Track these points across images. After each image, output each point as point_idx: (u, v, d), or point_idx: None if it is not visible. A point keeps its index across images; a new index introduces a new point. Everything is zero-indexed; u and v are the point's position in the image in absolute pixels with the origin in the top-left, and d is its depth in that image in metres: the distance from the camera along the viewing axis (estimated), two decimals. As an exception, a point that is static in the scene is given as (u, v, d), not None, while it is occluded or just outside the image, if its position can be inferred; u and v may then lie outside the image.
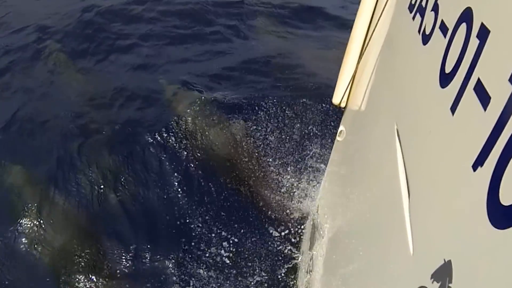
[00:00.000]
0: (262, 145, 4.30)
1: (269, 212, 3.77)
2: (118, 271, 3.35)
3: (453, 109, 1.19)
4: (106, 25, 6.67)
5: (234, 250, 3.44)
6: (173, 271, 3.34)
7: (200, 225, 3.64)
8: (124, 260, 3.41)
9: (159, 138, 4.43)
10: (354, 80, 2.63)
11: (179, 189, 4.02)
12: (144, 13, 7.08)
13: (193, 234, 3.55)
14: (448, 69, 1.28)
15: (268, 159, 4.21)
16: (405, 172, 1.43)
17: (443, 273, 1.01)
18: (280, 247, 3.46)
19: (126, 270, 3.36)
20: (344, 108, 2.89)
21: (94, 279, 3.26)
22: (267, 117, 4.60)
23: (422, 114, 1.47)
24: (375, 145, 1.99)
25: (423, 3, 1.73)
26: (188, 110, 4.70)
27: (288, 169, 4.06)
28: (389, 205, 1.57)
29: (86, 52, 6.02)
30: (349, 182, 2.47)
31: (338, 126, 2.99)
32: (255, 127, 4.50)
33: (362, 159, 2.24)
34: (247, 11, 7.17)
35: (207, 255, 3.39)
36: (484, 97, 1.03)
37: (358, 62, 2.54)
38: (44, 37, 6.29)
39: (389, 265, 1.47)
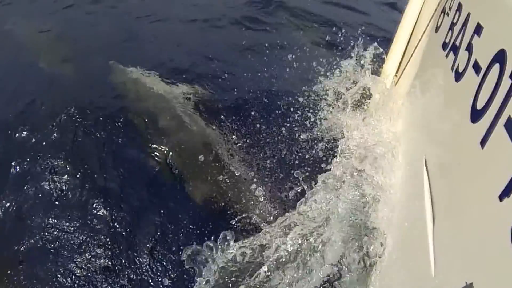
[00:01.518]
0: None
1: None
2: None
3: (482, 143, 1.26)
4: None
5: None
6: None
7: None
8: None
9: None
10: (384, 111, 2.71)
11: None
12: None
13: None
14: (479, 106, 1.35)
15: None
16: (431, 200, 1.49)
17: None
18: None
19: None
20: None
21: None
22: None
23: (451, 147, 1.53)
24: (404, 173, 2.06)
25: (457, 43, 1.82)
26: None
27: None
28: (414, 229, 1.62)
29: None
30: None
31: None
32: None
33: (393, 185, 2.29)
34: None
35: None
36: None
37: (389, 94, 2.63)
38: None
39: (411, 285, 1.51)
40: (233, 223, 3.28)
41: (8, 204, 3.47)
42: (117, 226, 3.33)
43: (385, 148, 2.46)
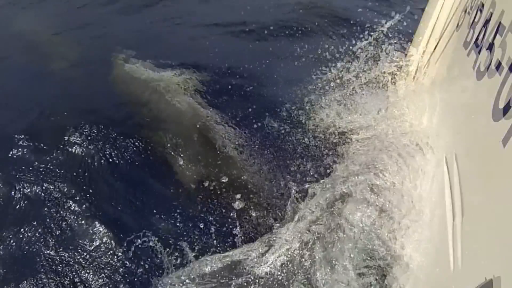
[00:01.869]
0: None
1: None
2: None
3: (504, 141, 1.29)
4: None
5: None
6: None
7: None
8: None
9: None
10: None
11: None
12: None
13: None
14: (501, 105, 1.38)
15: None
16: (452, 196, 1.53)
17: None
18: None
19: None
20: None
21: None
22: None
23: (473, 145, 1.56)
24: (427, 169, 2.08)
25: (479, 42, 1.83)
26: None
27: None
28: (440, 224, 1.65)
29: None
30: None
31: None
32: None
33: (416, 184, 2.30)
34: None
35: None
36: None
37: (409, 93, 2.65)
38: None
39: (435, 276, 1.55)
40: (219, 235, 3.00)
41: (10, 228, 3.29)
42: (125, 252, 3.11)
43: (411, 143, 2.27)
